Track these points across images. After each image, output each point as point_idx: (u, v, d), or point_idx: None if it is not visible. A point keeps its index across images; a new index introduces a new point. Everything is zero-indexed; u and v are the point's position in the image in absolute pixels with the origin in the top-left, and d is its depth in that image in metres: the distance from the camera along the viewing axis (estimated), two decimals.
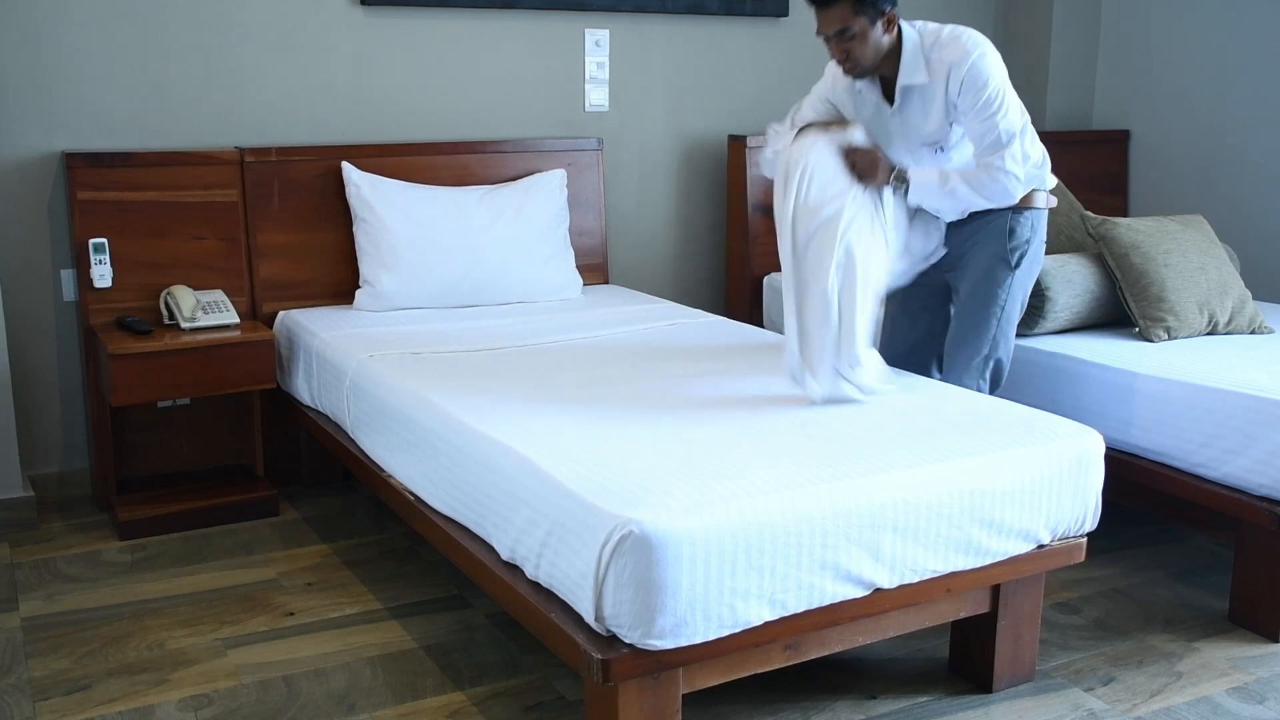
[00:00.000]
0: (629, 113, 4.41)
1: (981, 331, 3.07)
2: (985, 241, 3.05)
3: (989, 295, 3.06)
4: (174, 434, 3.77)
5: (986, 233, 3.04)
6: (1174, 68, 4.79)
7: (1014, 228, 3.01)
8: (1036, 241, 3.06)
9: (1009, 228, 3.01)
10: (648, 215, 4.53)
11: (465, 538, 2.52)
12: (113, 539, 3.45)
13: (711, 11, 4.43)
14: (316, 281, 3.85)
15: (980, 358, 3.07)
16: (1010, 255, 3.02)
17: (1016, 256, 3.03)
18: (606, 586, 2.03)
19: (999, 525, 2.41)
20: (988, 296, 3.06)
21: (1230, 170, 4.61)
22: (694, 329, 3.54)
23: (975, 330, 3.08)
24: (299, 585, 3.15)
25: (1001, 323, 3.06)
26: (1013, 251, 3.02)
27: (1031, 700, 2.61)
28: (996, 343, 3.07)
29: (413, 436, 2.77)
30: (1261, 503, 2.83)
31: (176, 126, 3.71)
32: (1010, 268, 3.03)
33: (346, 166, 3.82)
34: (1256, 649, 2.85)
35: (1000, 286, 3.05)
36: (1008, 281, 3.04)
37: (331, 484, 3.93)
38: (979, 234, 3.05)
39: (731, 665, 2.23)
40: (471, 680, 2.66)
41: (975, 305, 3.08)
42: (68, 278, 3.64)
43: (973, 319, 3.08)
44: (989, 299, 3.06)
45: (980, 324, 3.07)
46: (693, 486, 2.13)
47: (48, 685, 2.62)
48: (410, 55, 4.00)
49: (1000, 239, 3.03)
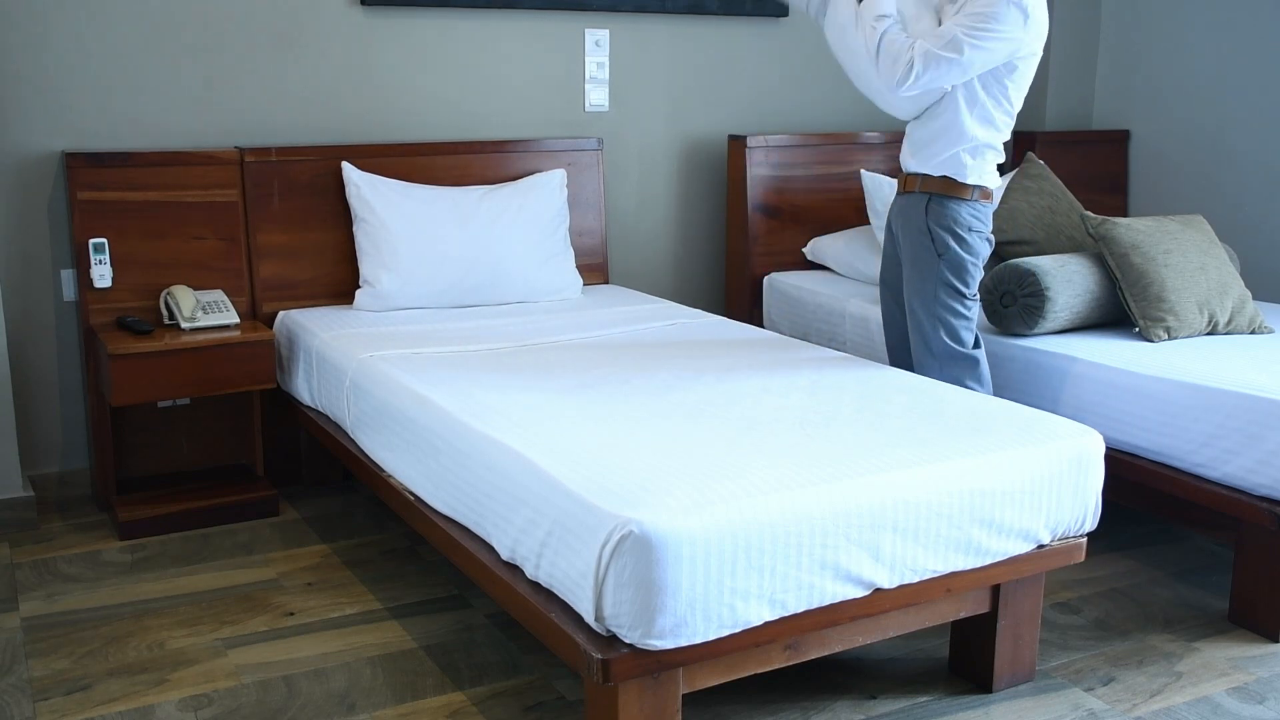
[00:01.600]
0: (629, 113, 4.41)
1: (922, 321, 3.07)
2: (909, 225, 3.07)
3: (919, 283, 3.07)
4: (174, 434, 3.77)
5: (909, 217, 3.06)
6: (1174, 68, 4.79)
7: (934, 212, 3.00)
8: (966, 230, 3.01)
9: (926, 211, 3.01)
10: (648, 215, 4.53)
11: (465, 538, 2.52)
12: (113, 539, 3.45)
13: (711, 11, 4.42)
14: (316, 281, 3.85)
15: (932, 349, 3.07)
16: (933, 242, 3.01)
17: (941, 243, 3.00)
18: (606, 586, 2.03)
19: (999, 525, 2.41)
20: (920, 284, 3.07)
21: (1230, 170, 4.61)
22: (694, 329, 3.54)
23: (916, 320, 3.09)
24: (299, 585, 3.15)
25: (938, 310, 3.03)
26: (935, 238, 3.01)
27: (1031, 700, 2.61)
28: (940, 334, 3.03)
29: (413, 436, 2.77)
30: (1261, 503, 2.83)
31: (176, 126, 3.71)
32: (934, 254, 3.01)
33: (346, 166, 3.82)
34: (1256, 649, 2.85)
35: (925, 277, 3.04)
36: (934, 270, 3.02)
37: (331, 484, 3.93)
38: (906, 215, 3.07)
39: (731, 665, 2.23)
40: (471, 680, 2.66)
41: (911, 294, 3.10)
42: (68, 278, 3.64)
43: (913, 305, 3.10)
44: (920, 287, 3.07)
45: (918, 315, 3.08)
46: (693, 486, 2.13)
47: (48, 685, 2.62)
48: (410, 55, 4.00)
49: (920, 224, 3.02)
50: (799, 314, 4.21)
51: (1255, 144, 4.52)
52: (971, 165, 3.00)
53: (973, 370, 3.07)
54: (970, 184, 3.01)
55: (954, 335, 3.05)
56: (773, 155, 4.43)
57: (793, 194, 4.46)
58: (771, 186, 4.44)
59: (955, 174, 3.00)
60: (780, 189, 4.45)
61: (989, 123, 2.99)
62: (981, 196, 3.04)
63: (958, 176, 3.00)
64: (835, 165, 3.26)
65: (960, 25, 2.85)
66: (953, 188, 3.01)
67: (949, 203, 3.01)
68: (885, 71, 2.91)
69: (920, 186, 3.06)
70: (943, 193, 3.02)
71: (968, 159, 3.00)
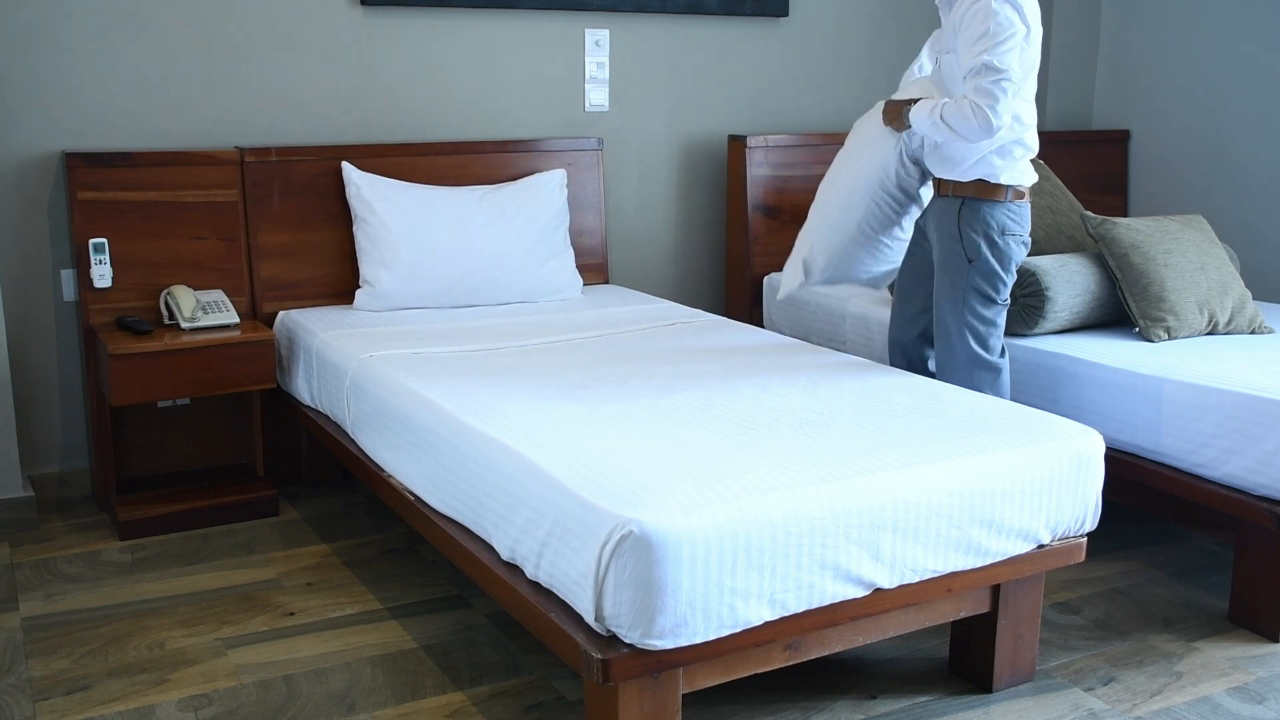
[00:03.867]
0: (629, 113, 4.41)
1: (949, 326, 3.05)
2: (942, 230, 3.04)
3: (949, 288, 3.05)
4: (174, 434, 3.77)
5: (942, 221, 3.04)
6: (1174, 68, 4.79)
7: (966, 216, 2.97)
8: (1000, 234, 2.98)
9: (959, 216, 2.98)
10: (648, 215, 4.53)
11: (465, 538, 2.52)
12: (113, 539, 3.45)
13: (711, 11, 4.42)
14: (316, 281, 3.85)
15: (957, 355, 3.05)
16: (964, 247, 2.98)
17: (972, 248, 2.97)
18: (606, 586, 2.03)
19: (999, 525, 2.41)
20: (949, 288, 3.05)
21: (1230, 170, 4.61)
22: (694, 329, 3.54)
23: (943, 325, 3.07)
24: (299, 585, 3.15)
25: (966, 316, 3.01)
26: (967, 243, 2.98)
27: (1031, 700, 2.61)
28: (967, 340, 3.02)
29: (413, 436, 2.77)
30: (1261, 503, 2.83)
31: (176, 126, 3.71)
32: (965, 259, 2.98)
33: (346, 166, 3.82)
34: (1256, 649, 2.85)
35: (955, 283, 3.01)
36: (964, 276, 3.00)
37: (331, 484, 3.93)
38: (940, 219, 3.05)
39: (731, 665, 2.23)
40: (471, 680, 2.66)
41: (940, 297, 3.09)
42: (68, 278, 3.64)
43: (940, 311, 3.09)
44: (949, 291, 3.05)
45: (945, 319, 3.06)
46: (693, 486, 2.13)
47: (48, 685, 2.62)
48: (410, 55, 4.00)
49: (951, 229, 3.00)
50: (799, 314, 4.21)
51: (1255, 144, 4.52)
52: (1001, 165, 2.97)
53: (994, 380, 3.05)
54: (1004, 184, 2.97)
55: (982, 342, 3.04)
56: (773, 155, 4.43)
57: (793, 194, 4.46)
58: (771, 186, 4.44)
59: (988, 176, 2.97)
60: (780, 189, 4.45)
61: (1012, 116, 2.91)
62: (1015, 197, 3.00)
63: (990, 178, 2.97)
64: None
65: (974, 53, 2.82)
66: (986, 190, 2.98)
67: (983, 206, 2.97)
68: (973, 135, 2.85)
69: (953, 191, 3.02)
70: (976, 196, 2.98)
71: (996, 160, 2.96)
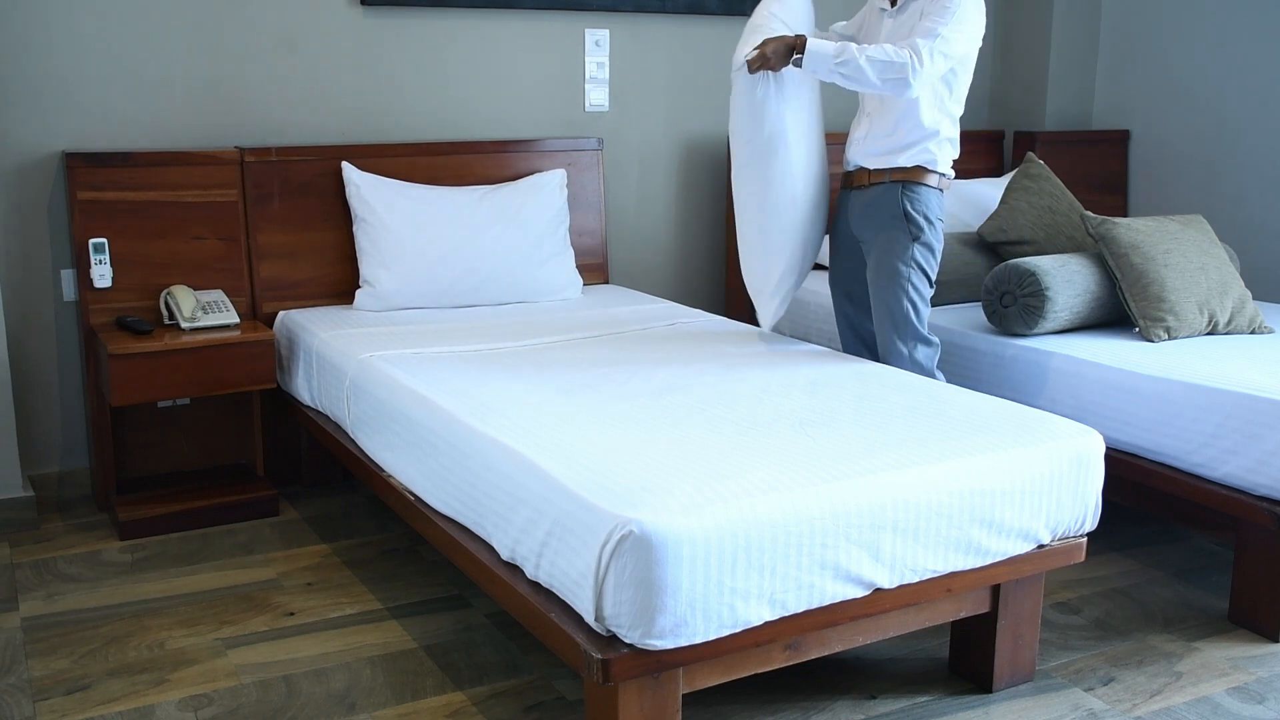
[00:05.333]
0: (629, 113, 4.41)
1: (893, 307, 3.14)
2: (882, 214, 3.14)
3: (892, 271, 3.13)
4: (174, 434, 3.77)
5: (882, 206, 3.13)
6: (1174, 68, 4.79)
7: (909, 198, 3.10)
8: (937, 218, 3.14)
9: (902, 198, 3.11)
10: (648, 215, 4.53)
11: (465, 538, 2.52)
12: (113, 539, 3.45)
13: (711, 11, 4.42)
14: (316, 281, 3.85)
15: (902, 334, 3.14)
16: (910, 226, 3.11)
17: (917, 227, 3.10)
18: (606, 586, 2.03)
19: (999, 525, 2.41)
20: (893, 271, 3.13)
21: (1230, 170, 4.61)
22: (694, 329, 3.54)
23: (886, 308, 3.15)
24: (299, 585, 3.15)
25: (911, 295, 3.13)
26: (912, 223, 3.10)
27: (1031, 700, 2.61)
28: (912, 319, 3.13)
29: (413, 436, 2.77)
30: (1261, 503, 2.83)
31: (176, 126, 3.71)
32: (910, 238, 3.11)
33: (346, 166, 3.82)
34: (1256, 649, 2.85)
35: (902, 261, 3.12)
36: (909, 253, 3.11)
37: (331, 484, 3.93)
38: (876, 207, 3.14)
39: (731, 665, 2.23)
40: (471, 680, 2.66)
41: (882, 282, 3.16)
42: (68, 278, 3.64)
43: (883, 294, 3.16)
44: (893, 274, 3.13)
45: (889, 300, 3.14)
46: (693, 486, 2.13)
47: (48, 685, 2.62)
48: (410, 55, 4.00)
49: (895, 210, 3.11)
50: (799, 314, 4.21)
51: (1255, 144, 4.52)
52: (940, 157, 3.14)
53: (934, 357, 3.18)
54: (940, 172, 3.15)
55: (922, 320, 3.16)
56: None
57: None
58: None
59: (928, 164, 3.12)
60: None
61: (947, 114, 3.11)
62: (944, 186, 3.18)
63: (930, 165, 3.13)
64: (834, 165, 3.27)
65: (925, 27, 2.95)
66: (925, 175, 3.13)
67: (923, 190, 3.13)
68: (888, 78, 2.94)
69: (891, 178, 3.15)
70: (919, 181, 3.13)
71: (934, 149, 3.12)
